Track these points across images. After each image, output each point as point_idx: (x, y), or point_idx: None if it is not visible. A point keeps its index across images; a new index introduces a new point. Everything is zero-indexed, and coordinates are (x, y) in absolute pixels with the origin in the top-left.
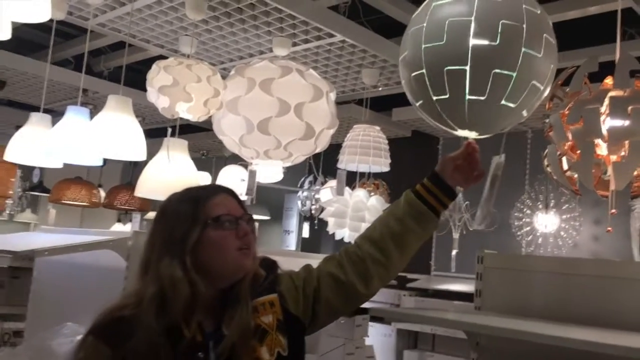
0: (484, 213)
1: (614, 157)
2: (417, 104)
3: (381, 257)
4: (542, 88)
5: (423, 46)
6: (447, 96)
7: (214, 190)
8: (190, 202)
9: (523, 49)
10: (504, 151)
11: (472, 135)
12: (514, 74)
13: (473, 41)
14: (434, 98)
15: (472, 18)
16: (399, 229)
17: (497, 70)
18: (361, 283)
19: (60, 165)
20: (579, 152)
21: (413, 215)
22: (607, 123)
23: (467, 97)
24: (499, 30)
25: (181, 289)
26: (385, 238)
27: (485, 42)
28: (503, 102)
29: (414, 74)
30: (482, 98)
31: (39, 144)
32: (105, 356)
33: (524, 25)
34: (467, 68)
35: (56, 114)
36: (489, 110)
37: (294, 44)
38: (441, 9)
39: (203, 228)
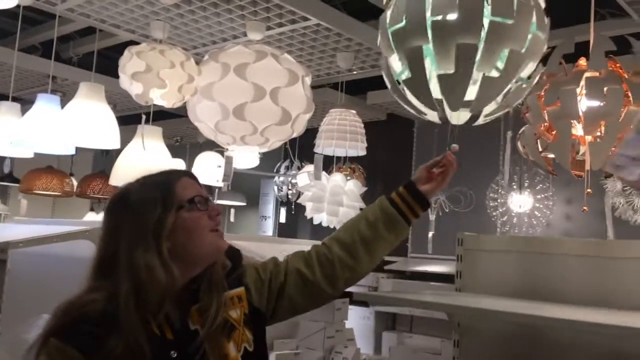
0: None
1: (589, 138)
2: (404, 78)
3: (350, 261)
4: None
5: (430, 18)
6: (452, 72)
7: (178, 174)
8: (156, 187)
9: (533, 28)
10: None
11: (464, 118)
12: (523, 51)
13: (490, 17)
14: (438, 72)
15: None
16: (370, 234)
17: (510, 47)
18: (327, 284)
19: (31, 155)
20: (554, 132)
21: (385, 222)
22: (583, 104)
23: (475, 72)
24: (515, 8)
25: (159, 278)
26: (355, 242)
27: (501, 18)
28: (515, 80)
29: (412, 46)
30: (496, 75)
31: (9, 133)
32: None
33: (532, 4)
34: (480, 43)
35: (24, 102)
36: (500, 86)
37: (268, 28)
38: None
39: (177, 211)
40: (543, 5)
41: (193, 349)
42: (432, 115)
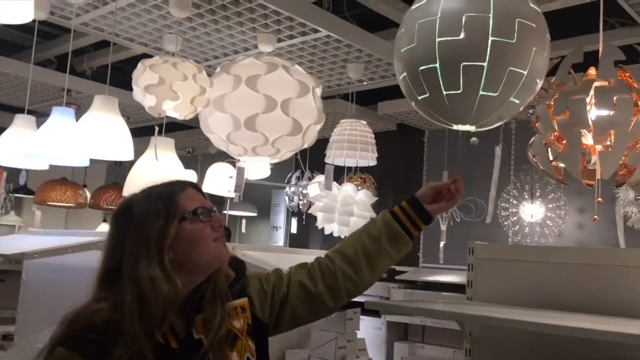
0: None
1: (599, 147)
2: (420, 98)
3: (353, 274)
4: (539, 82)
5: (437, 39)
6: (459, 91)
7: (182, 185)
8: (159, 198)
9: (534, 48)
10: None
11: (471, 129)
12: (525, 72)
13: (493, 38)
14: (445, 93)
15: (490, 15)
16: (373, 248)
17: (512, 68)
18: (329, 296)
19: (46, 167)
20: (564, 142)
21: (388, 236)
22: (593, 113)
23: (481, 92)
24: (516, 29)
25: (162, 289)
26: (358, 256)
27: (503, 39)
28: (512, 98)
29: (423, 67)
30: (494, 94)
31: (25, 146)
32: None
33: (534, 25)
34: (485, 64)
35: (39, 115)
36: (498, 106)
37: (279, 40)
38: (453, 1)
39: (179, 223)
40: (544, 25)
41: (197, 358)
42: (458, 127)
